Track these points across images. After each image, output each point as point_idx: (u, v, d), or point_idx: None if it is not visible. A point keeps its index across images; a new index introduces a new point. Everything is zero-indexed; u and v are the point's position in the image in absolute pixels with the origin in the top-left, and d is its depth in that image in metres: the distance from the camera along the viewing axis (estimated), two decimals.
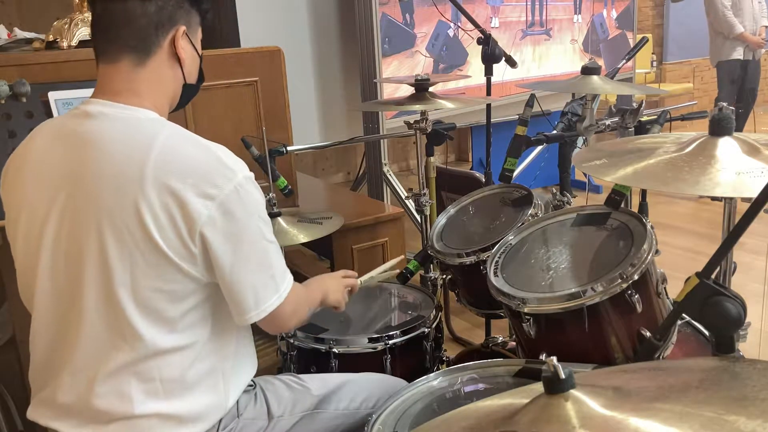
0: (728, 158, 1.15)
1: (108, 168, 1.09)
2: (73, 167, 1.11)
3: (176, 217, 1.07)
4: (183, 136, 1.14)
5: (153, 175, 1.06)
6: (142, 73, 1.15)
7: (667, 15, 7.43)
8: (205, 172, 1.09)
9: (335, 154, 5.68)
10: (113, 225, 1.07)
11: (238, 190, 1.10)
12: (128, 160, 1.08)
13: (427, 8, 3.83)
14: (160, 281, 1.09)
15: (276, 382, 1.40)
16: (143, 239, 1.07)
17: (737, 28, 4.87)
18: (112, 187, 1.08)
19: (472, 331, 2.92)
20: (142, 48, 1.15)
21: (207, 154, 1.12)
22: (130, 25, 1.13)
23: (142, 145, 1.09)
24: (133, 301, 1.09)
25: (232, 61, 2.38)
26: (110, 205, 1.08)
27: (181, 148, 1.11)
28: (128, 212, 1.07)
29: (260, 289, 1.15)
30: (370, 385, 1.46)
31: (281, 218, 1.98)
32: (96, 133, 1.11)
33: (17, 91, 1.86)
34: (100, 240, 1.08)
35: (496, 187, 1.96)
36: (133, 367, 1.11)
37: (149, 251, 1.08)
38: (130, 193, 1.07)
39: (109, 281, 1.09)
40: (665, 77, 7.40)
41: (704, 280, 0.95)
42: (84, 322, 1.11)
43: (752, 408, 0.63)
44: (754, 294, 1.63)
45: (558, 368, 0.68)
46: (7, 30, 2.29)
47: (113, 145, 1.10)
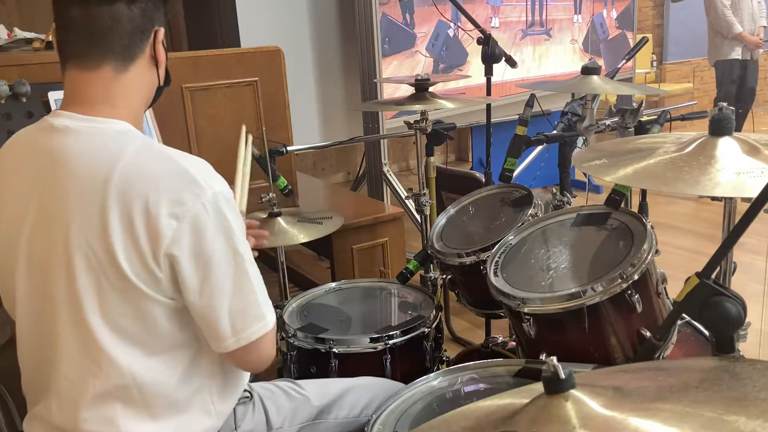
0: (728, 158, 1.15)
1: (73, 186, 1.03)
2: (41, 186, 1.07)
3: (139, 237, 1.00)
4: (151, 149, 1.07)
5: (116, 193, 1.01)
6: (123, 80, 1.11)
7: (667, 15, 7.43)
8: (170, 188, 1.02)
9: (335, 154, 5.68)
10: (79, 247, 1.02)
11: (206, 206, 1.02)
12: (93, 177, 1.02)
13: (427, 8, 3.84)
14: (128, 306, 1.04)
15: (275, 390, 1.37)
16: (108, 261, 1.02)
17: (736, 27, 4.87)
18: (77, 206, 1.03)
19: (472, 331, 2.92)
20: (127, 54, 1.10)
21: (174, 168, 1.04)
22: (116, 29, 1.08)
23: (106, 161, 1.03)
24: (104, 326, 1.04)
25: (232, 61, 2.38)
26: (76, 225, 1.02)
27: (146, 163, 1.04)
28: (94, 232, 1.01)
29: (238, 315, 1.07)
30: (370, 391, 1.43)
31: (281, 218, 1.98)
32: (61, 150, 1.06)
33: (17, 91, 1.86)
34: (68, 263, 1.03)
35: (496, 187, 1.96)
36: (114, 392, 1.07)
37: (114, 275, 1.02)
38: (95, 213, 1.01)
39: (78, 306, 1.04)
40: (665, 77, 7.41)
41: (704, 280, 0.95)
42: (60, 345, 1.07)
43: (752, 408, 0.63)
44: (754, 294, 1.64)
45: (558, 368, 0.68)
46: (7, 30, 2.29)
47: (78, 162, 1.04)
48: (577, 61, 4.83)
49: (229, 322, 1.07)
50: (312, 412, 1.36)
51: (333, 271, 2.53)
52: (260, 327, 1.10)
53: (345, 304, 1.89)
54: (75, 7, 1.07)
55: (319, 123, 3.84)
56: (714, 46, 5.04)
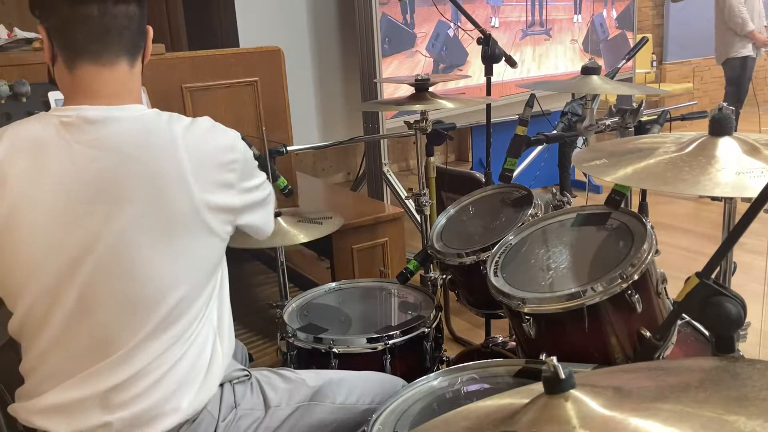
0: (728, 158, 1.15)
1: (142, 172, 1.10)
2: (100, 178, 1.09)
3: (224, 189, 1.18)
4: (189, 123, 1.19)
5: (190, 167, 1.13)
6: (132, 75, 1.19)
7: (667, 15, 7.43)
8: (226, 147, 1.19)
9: (335, 154, 5.68)
10: (157, 226, 1.11)
11: (243, 143, 1.23)
12: (160, 160, 1.12)
13: (427, 8, 3.84)
14: (204, 265, 1.20)
15: (271, 374, 1.40)
16: (194, 219, 1.14)
17: (750, 24, 4.86)
18: (152, 191, 1.10)
19: (472, 331, 2.92)
20: (136, 51, 1.18)
21: (219, 130, 1.22)
22: (129, 28, 1.15)
23: (165, 142, 1.13)
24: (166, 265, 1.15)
25: (232, 61, 2.38)
26: (154, 208, 1.11)
27: (202, 135, 1.18)
28: (180, 210, 1.13)
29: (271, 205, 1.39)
30: (367, 382, 1.46)
31: (281, 218, 1.98)
32: (111, 139, 1.11)
33: (17, 91, 1.86)
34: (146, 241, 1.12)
35: (496, 187, 1.96)
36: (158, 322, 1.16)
37: (202, 241, 1.17)
38: (177, 193, 1.12)
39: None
40: (665, 77, 7.41)
41: (704, 280, 0.95)
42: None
43: (752, 408, 0.63)
44: (754, 294, 1.63)
45: (558, 368, 0.68)
46: (7, 30, 2.29)
47: (136, 148, 1.11)
48: (577, 61, 4.83)
49: (269, 214, 1.40)
50: (308, 393, 1.38)
51: (333, 271, 2.53)
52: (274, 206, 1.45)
53: (345, 304, 1.89)
54: (93, 5, 1.11)
55: (319, 123, 3.85)
56: (724, 44, 5.01)
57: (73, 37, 1.12)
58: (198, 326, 1.20)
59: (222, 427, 1.24)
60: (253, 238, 1.44)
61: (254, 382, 1.35)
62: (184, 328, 1.17)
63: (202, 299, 1.20)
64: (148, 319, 1.14)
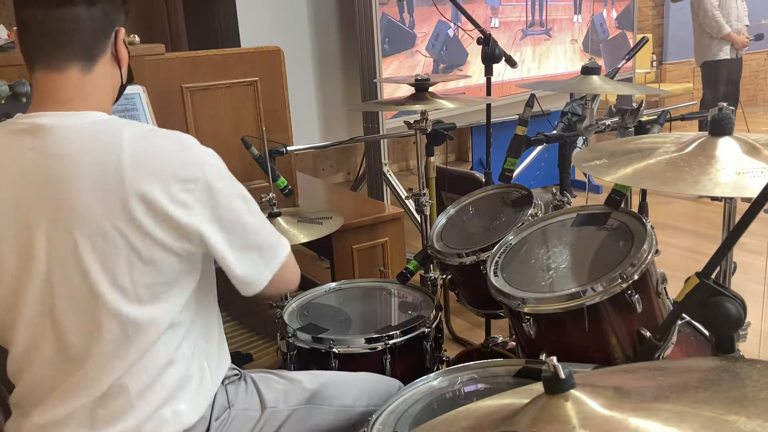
0: (728, 158, 1.15)
1: (82, 179, 1.06)
2: (40, 183, 1.08)
3: (167, 212, 1.06)
4: (143, 131, 1.12)
5: (131, 179, 1.05)
6: (89, 79, 1.13)
7: (667, 15, 7.43)
8: (177, 161, 1.09)
9: (335, 154, 5.68)
10: (101, 230, 1.06)
11: (212, 169, 1.11)
12: (100, 167, 1.06)
13: (427, 8, 3.84)
14: (156, 274, 1.10)
15: (267, 374, 1.39)
16: (139, 239, 1.07)
17: (725, 28, 4.89)
18: (89, 197, 1.05)
19: (472, 331, 2.92)
20: (90, 55, 1.12)
21: (173, 144, 1.11)
22: (78, 31, 1.09)
23: (108, 152, 1.06)
24: (122, 298, 1.10)
25: (232, 61, 2.38)
26: (95, 213, 1.06)
27: (148, 145, 1.09)
28: (120, 217, 1.05)
29: (265, 249, 1.18)
30: (364, 384, 1.45)
31: (281, 218, 1.98)
32: (55, 146, 1.07)
33: (17, 91, 1.85)
34: (90, 248, 1.07)
35: (496, 187, 1.96)
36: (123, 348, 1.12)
37: (146, 253, 1.08)
38: (115, 200, 1.05)
39: (97, 289, 1.09)
40: (665, 77, 7.41)
41: (704, 280, 0.95)
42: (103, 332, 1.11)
43: (752, 408, 0.63)
44: (754, 294, 1.63)
45: (558, 368, 0.68)
46: (7, 30, 2.29)
47: (79, 155, 1.07)
48: (577, 61, 4.83)
49: (260, 258, 1.17)
50: (304, 395, 1.37)
51: (333, 271, 2.53)
52: (283, 249, 1.21)
53: (345, 304, 1.89)
54: (36, 8, 1.09)
55: (319, 123, 3.85)
56: (702, 47, 5.05)
57: (28, 42, 1.12)
58: (173, 337, 1.15)
59: (215, 427, 1.22)
60: None
61: (249, 381, 1.34)
62: (152, 339, 1.13)
63: (168, 312, 1.14)
64: (106, 327, 1.10)
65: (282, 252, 1.21)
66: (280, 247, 1.21)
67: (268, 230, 1.20)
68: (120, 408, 1.12)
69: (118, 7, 1.15)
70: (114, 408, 1.12)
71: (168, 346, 1.15)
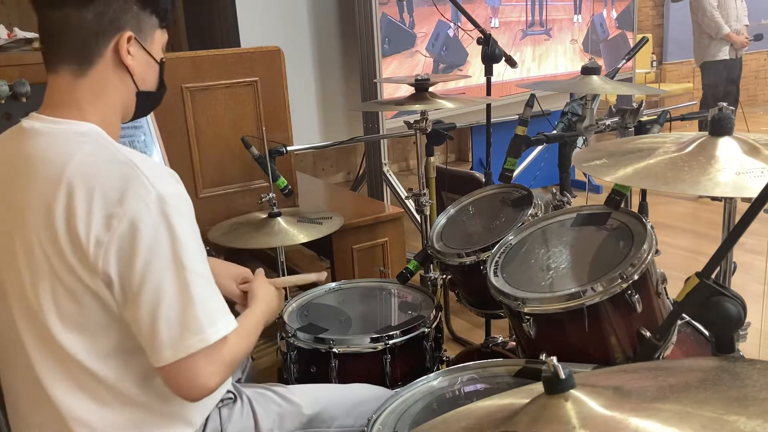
0: (728, 158, 1.15)
1: (31, 186, 1.04)
2: (5, 187, 1.08)
3: (81, 238, 0.99)
4: (104, 151, 1.06)
5: (63, 193, 1.00)
6: (83, 84, 1.09)
7: (667, 15, 7.43)
8: (113, 188, 1.00)
9: (335, 154, 5.68)
10: (32, 246, 1.03)
11: (149, 207, 0.99)
12: (47, 178, 1.03)
13: (427, 8, 3.84)
14: (78, 308, 1.04)
15: (265, 393, 1.35)
16: (57, 261, 1.02)
17: (724, 28, 4.90)
18: (32, 206, 1.03)
19: (472, 331, 2.92)
20: (82, 58, 1.08)
21: (122, 170, 1.02)
22: (66, 33, 1.07)
23: (60, 162, 1.03)
24: (61, 326, 1.05)
25: (232, 61, 2.38)
26: (31, 224, 1.03)
27: (96, 164, 1.03)
28: (45, 232, 1.02)
29: (175, 326, 1.01)
30: (365, 401, 1.41)
31: (281, 218, 1.98)
32: (25, 151, 1.07)
33: (17, 91, 1.86)
34: (24, 261, 1.04)
35: (496, 187, 1.96)
36: (81, 388, 1.08)
37: (65, 276, 1.02)
38: (45, 212, 1.01)
39: (34, 308, 1.05)
40: (665, 77, 7.41)
41: (704, 280, 0.95)
42: (21, 345, 1.09)
43: (752, 408, 0.63)
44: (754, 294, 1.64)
45: (558, 368, 0.68)
46: (7, 30, 2.29)
47: (37, 163, 1.05)
48: (577, 61, 4.83)
49: (167, 332, 1.01)
50: (302, 420, 1.33)
51: (333, 271, 2.53)
52: (197, 340, 1.02)
53: (345, 304, 1.89)
54: (36, 10, 1.09)
55: (319, 123, 3.85)
56: (701, 47, 5.06)
57: (41, 43, 1.12)
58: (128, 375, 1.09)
59: None
60: (253, 238, 1.41)
61: (245, 402, 1.30)
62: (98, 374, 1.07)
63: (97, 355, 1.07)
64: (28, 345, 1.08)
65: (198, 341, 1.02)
66: (199, 335, 1.02)
67: (192, 308, 1.02)
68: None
69: (124, 9, 1.09)
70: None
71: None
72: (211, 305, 1.06)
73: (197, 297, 1.03)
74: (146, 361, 1.07)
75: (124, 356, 1.08)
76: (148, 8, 1.12)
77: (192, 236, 1.05)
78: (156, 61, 1.18)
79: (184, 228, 1.03)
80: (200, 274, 1.05)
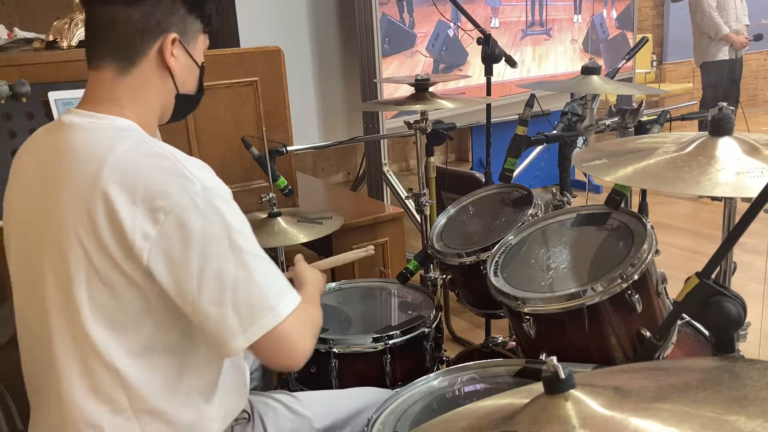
0: (728, 158, 1.15)
1: (67, 180, 1.04)
2: (42, 180, 1.09)
3: (126, 233, 0.99)
4: (144, 146, 1.06)
5: (103, 188, 1.00)
6: (124, 82, 1.10)
7: (667, 15, 7.43)
8: (156, 182, 1.00)
9: (335, 154, 5.68)
10: (71, 241, 1.02)
11: (194, 199, 0.99)
12: (84, 172, 1.02)
13: (427, 8, 3.84)
14: (115, 302, 1.03)
15: (275, 406, 1.33)
16: (98, 255, 1.01)
17: (723, 28, 4.90)
18: (69, 200, 1.03)
19: (472, 331, 2.92)
20: (125, 56, 1.09)
21: (164, 163, 1.03)
22: (112, 30, 1.08)
23: (99, 155, 1.03)
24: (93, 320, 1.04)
25: (232, 61, 2.38)
26: (69, 219, 1.03)
27: (136, 159, 1.03)
28: (84, 227, 1.01)
29: (243, 309, 1.01)
30: (371, 406, 1.38)
31: (281, 218, 1.98)
32: (63, 145, 1.07)
33: (17, 91, 1.86)
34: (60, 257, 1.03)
35: (496, 187, 1.96)
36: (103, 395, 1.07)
37: (104, 270, 1.01)
38: (84, 207, 1.01)
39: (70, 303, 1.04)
40: (665, 77, 7.41)
41: (704, 280, 0.95)
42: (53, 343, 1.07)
43: (752, 408, 0.63)
44: (754, 294, 1.63)
45: (558, 368, 0.68)
46: (7, 30, 2.29)
47: (75, 157, 1.05)
48: (577, 61, 4.83)
49: (236, 319, 1.01)
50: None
51: (333, 271, 2.53)
52: (271, 318, 1.03)
53: (345, 304, 1.89)
54: (85, 6, 1.13)
55: (319, 123, 3.84)
56: (701, 48, 5.07)
57: (85, 39, 1.15)
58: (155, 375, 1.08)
59: None
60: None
61: (256, 419, 1.28)
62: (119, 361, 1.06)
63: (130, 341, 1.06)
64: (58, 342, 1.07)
65: (271, 318, 1.03)
66: (270, 313, 1.03)
67: (258, 288, 1.03)
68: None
69: (173, 10, 1.10)
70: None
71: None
72: (277, 283, 1.07)
73: (261, 278, 1.04)
74: (174, 363, 1.08)
75: (152, 356, 1.07)
76: (194, 12, 1.13)
77: (242, 221, 1.06)
78: (197, 65, 1.18)
79: (232, 214, 1.04)
80: (259, 255, 1.05)
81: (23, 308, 1.15)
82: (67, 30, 2.08)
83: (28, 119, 1.88)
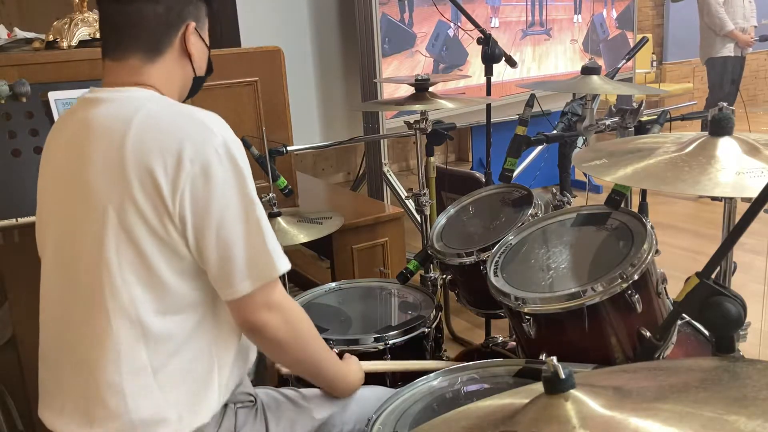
0: (728, 158, 1.15)
1: (95, 147, 1.09)
2: (72, 151, 1.13)
3: (160, 188, 1.05)
4: (167, 106, 1.13)
5: (131, 147, 1.06)
6: (150, 69, 1.17)
7: (667, 15, 7.43)
8: (183, 135, 1.07)
9: (335, 154, 5.68)
10: (104, 205, 1.07)
11: (218, 151, 1.07)
12: (111, 136, 1.08)
13: (427, 8, 3.83)
14: (143, 260, 1.08)
15: (278, 398, 1.35)
16: (132, 216, 1.06)
17: (728, 25, 4.91)
18: (100, 166, 1.08)
19: (472, 331, 2.92)
20: (153, 48, 1.16)
21: (186, 118, 1.10)
22: (140, 26, 1.15)
23: (123, 119, 1.09)
24: (122, 279, 1.08)
25: (232, 61, 2.38)
26: (101, 184, 1.08)
27: (159, 116, 1.10)
28: (117, 189, 1.07)
29: (253, 257, 1.10)
30: (371, 402, 1.39)
31: (281, 218, 1.98)
32: (91, 117, 1.13)
33: (17, 91, 1.86)
34: (98, 220, 1.08)
35: (496, 187, 1.96)
36: (123, 352, 1.09)
37: (138, 231, 1.06)
38: (116, 170, 1.06)
39: (102, 263, 1.08)
40: (665, 77, 7.41)
41: (704, 280, 0.95)
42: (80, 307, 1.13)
43: (752, 408, 0.63)
44: (754, 294, 1.63)
45: (558, 368, 0.68)
46: (7, 30, 2.29)
47: (101, 124, 1.10)
48: (577, 61, 4.83)
49: (245, 264, 1.09)
50: (313, 425, 1.33)
51: (333, 271, 2.53)
52: (271, 270, 1.12)
53: (345, 304, 1.89)
54: (108, 3, 1.17)
55: (319, 123, 3.84)
56: (706, 44, 5.09)
57: (102, 34, 1.19)
58: (177, 333, 1.12)
59: None
60: None
61: (260, 410, 1.30)
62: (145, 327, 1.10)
63: (161, 303, 1.11)
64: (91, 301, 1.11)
65: (271, 270, 1.12)
66: (271, 266, 1.12)
67: (264, 241, 1.12)
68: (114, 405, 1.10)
69: (186, 2, 1.18)
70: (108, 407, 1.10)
71: (165, 344, 1.11)
72: (274, 241, 1.14)
73: (267, 231, 1.12)
74: (198, 314, 1.13)
75: (184, 312, 1.12)
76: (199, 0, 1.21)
77: (251, 177, 1.13)
78: (207, 47, 1.26)
79: (246, 169, 1.12)
80: (264, 214, 1.13)
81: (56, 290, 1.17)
82: (67, 30, 2.08)
83: (28, 119, 1.88)
